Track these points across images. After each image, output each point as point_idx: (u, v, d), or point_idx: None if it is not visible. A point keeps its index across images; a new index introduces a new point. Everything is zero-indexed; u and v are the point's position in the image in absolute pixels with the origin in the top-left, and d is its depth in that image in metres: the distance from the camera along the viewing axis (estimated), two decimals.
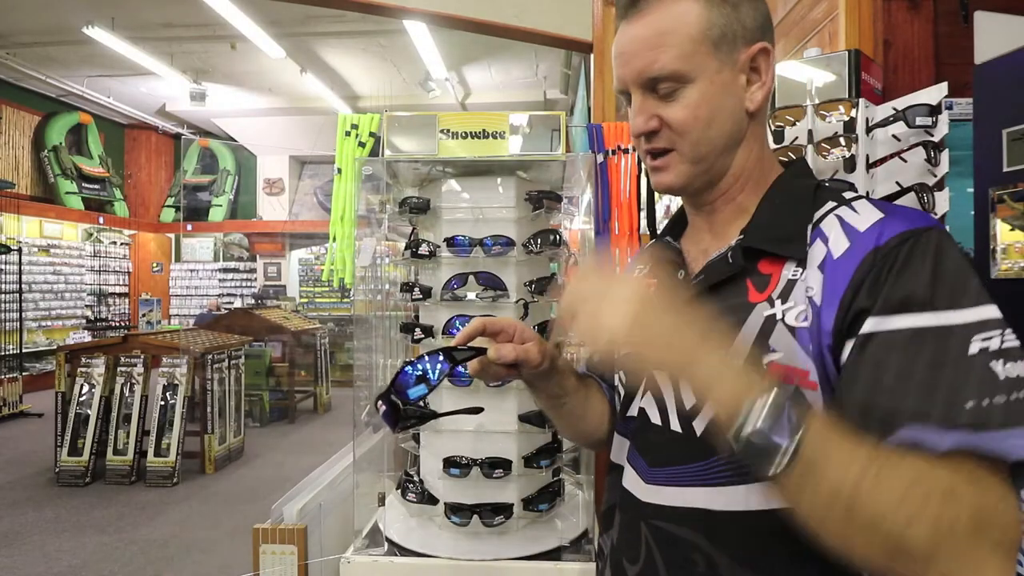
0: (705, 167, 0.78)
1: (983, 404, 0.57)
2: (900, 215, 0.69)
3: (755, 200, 0.80)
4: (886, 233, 0.67)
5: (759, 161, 0.81)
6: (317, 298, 12.91)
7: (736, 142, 0.78)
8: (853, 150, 1.63)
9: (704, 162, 0.78)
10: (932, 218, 0.68)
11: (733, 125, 0.77)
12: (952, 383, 0.58)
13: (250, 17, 7.47)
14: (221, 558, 3.79)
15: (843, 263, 0.68)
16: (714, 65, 0.74)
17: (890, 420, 0.59)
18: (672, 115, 0.75)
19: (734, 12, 0.74)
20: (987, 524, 0.54)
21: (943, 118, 1.60)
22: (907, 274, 0.63)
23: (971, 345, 0.59)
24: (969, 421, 0.56)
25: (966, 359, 0.59)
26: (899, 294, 0.63)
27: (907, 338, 0.61)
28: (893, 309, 0.62)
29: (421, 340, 1.75)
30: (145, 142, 13.08)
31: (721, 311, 0.75)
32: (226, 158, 13.12)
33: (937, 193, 1.58)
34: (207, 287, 13.05)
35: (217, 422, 5.56)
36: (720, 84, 0.74)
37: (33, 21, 8.08)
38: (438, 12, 2.37)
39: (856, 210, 0.72)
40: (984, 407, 0.57)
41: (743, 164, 0.80)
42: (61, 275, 10.64)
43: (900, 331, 0.62)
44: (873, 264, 0.65)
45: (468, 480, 1.68)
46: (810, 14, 2.53)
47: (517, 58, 8.87)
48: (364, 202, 1.91)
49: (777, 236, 0.75)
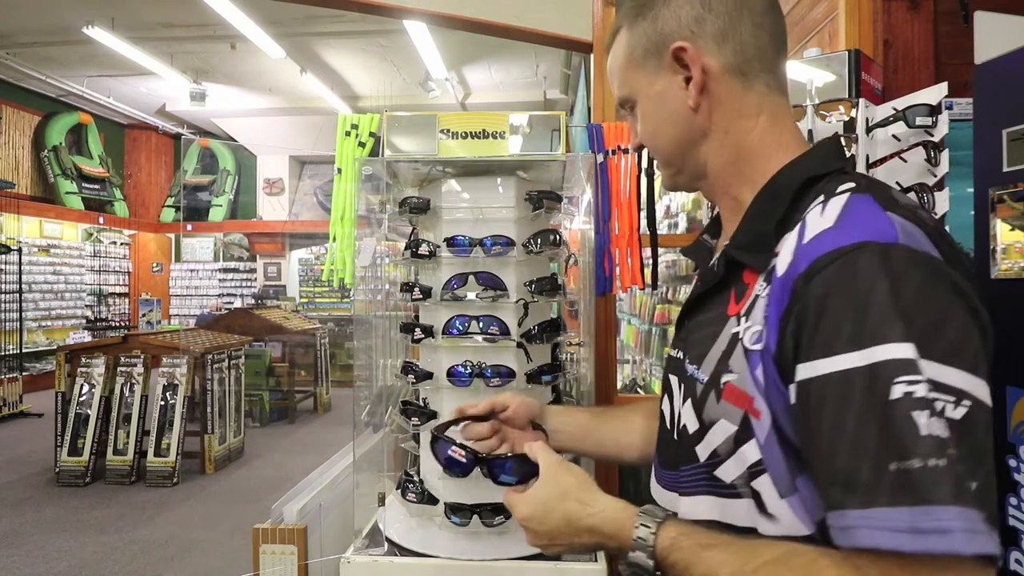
0: (675, 169, 0.82)
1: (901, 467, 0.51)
2: (847, 225, 0.61)
3: (751, 195, 0.76)
4: (817, 251, 0.61)
5: (737, 152, 0.76)
6: (317, 298, 12.92)
7: (692, 141, 0.78)
8: (853, 150, 1.63)
9: (671, 165, 0.82)
10: (878, 229, 0.59)
11: (677, 127, 0.78)
12: (875, 444, 0.53)
13: (250, 17, 7.47)
14: (221, 558, 3.79)
15: (782, 283, 0.63)
16: (645, 81, 0.78)
17: (829, 498, 0.56)
18: (638, 130, 0.84)
19: (653, 24, 0.76)
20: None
21: (943, 118, 1.60)
22: (830, 309, 0.57)
23: (893, 389, 0.53)
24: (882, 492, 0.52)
25: (888, 408, 0.53)
26: (822, 335, 0.58)
27: (834, 386, 0.56)
28: (819, 352, 0.58)
29: (421, 340, 1.75)
30: (145, 142, 13.08)
31: (705, 322, 0.76)
32: (226, 158, 13.12)
33: (937, 193, 1.58)
34: (207, 287, 13.06)
35: (217, 422, 5.56)
36: (656, 96, 0.78)
37: (33, 21, 8.08)
38: (438, 12, 2.37)
39: (823, 212, 0.65)
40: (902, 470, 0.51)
41: (717, 157, 0.78)
42: (61, 275, 10.65)
43: (827, 377, 0.56)
44: (798, 296, 0.61)
45: (468, 480, 1.68)
46: (810, 14, 2.53)
47: (517, 58, 8.87)
48: (364, 202, 1.91)
49: (746, 243, 0.72)
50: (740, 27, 0.73)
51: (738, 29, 0.73)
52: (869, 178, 0.70)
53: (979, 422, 0.53)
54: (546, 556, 1.66)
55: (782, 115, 0.77)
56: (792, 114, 0.79)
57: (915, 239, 0.59)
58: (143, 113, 12.03)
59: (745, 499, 0.67)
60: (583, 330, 1.92)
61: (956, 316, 0.56)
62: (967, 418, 0.52)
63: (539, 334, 1.69)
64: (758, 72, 0.75)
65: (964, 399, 0.53)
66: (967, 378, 0.54)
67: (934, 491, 0.49)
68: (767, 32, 0.74)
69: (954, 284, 0.58)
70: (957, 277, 0.59)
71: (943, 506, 0.49)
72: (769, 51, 0.75)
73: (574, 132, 3.27)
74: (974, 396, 0.54)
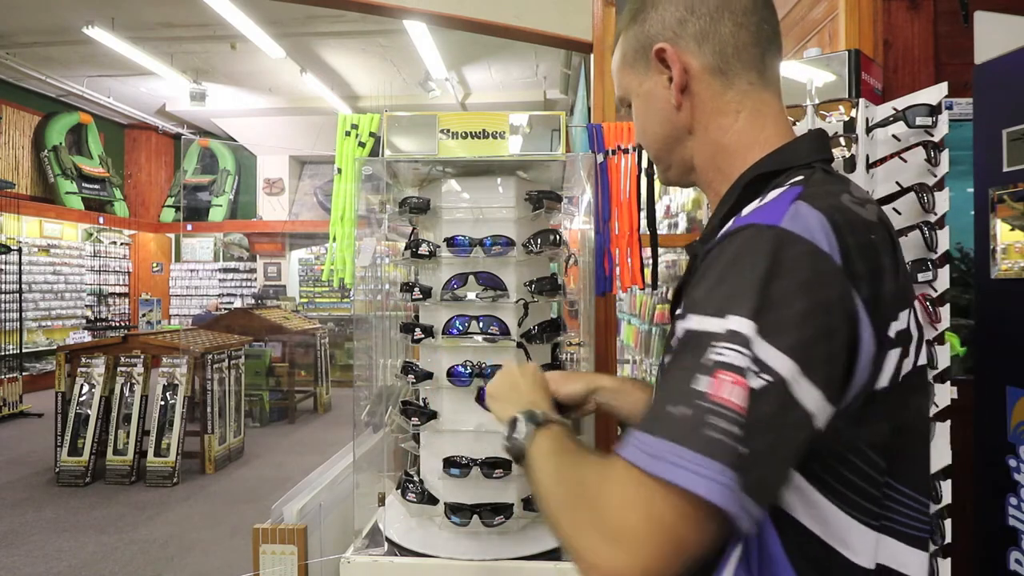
0: (665, 164, 0.86)
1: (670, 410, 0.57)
2: (757, 211, 0.65)
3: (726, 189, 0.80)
4: (732, 227, 0.65)
5: (716, 148, 0.79)
6: (317, 298, 12.92)
7: (677, 138, 0.81)
8: (853, 150, 1.63)
9: (662, 161, 0.86)
10: (772, 215, 0.62)
11: (663, 125, 0.82)
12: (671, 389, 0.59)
13: (250, 17, 7.47)
14: (221, 558, 3.79)
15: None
16: (636, 81, 0.83)
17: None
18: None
19: (642, 27, 0.80)
20: (609, 528, 0.56)
21: (943, 118, 1.59)
22: (709, 273, 0.63)
23: (714, 350, 0.57)
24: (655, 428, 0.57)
25: (701, 366, 0.57)
26: (693, 295, 0.63)
27: (683, 342, 0.61)
28: (686, 310, 0.63)
29: (421, 340, 1.75)
30: (145, 142, 13.08)
31: (676, 317, 0.78)
32: (226, 158, 13.12)
33: (937, 193, 1.58)
34: (207, 287, 13.06)
35: (217, 422, 5.56)
36: (645, 95, 0.82)
37: (33, 21, 8.08)
38: (438, 12, 2.37)
39: (760, 202, 0.68)
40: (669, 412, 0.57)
41: (701, 154, 0.81)
42: (61, 275, 10.65)
43: (685, 334, 0.61)
44: (701, 261, 0.67)
45: (468, 480, 1.68)
46: (810, 14, 2.53)
47: (517, 58, 8.87)
48: (364, 202, 1.91)
49: (704, 235, 0.77)
50: (720, 28, 0.76)
51: (718, 30, 0.76)
52: (825, 174, 0.71)
53: (775, 400, 0.56)
54: (546, 556, 1.66)
55: (765, 111, 0.78)
56: (780, 109, 0.80)
57: (805, 227, 0.60)
58: (143, 113, 12.03)
59: None
60: (583, 330, 1.92)
61: (801, 302, 0.58)
62: (764, 391, 0.55)
63: (539, 334, 1.69)
64: (739, 71, 0.77)
65: (768, 374, 0.56)
66: (784, 360, 0.56)
67: (692, 437, 0.55)
68: (750, 31, 0.76)
69: (819, 273, 0.59)
70: (829, 268, 0.59)
71: (692, 451, 0.54)
72: (752, 49, 0.77)
73: (574, 132, 3.28)
74: (780, 376, 0.56)
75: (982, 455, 1.71)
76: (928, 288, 1.59)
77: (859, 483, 0.63)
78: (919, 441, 0.70)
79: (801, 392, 0.56)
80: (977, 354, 1.78)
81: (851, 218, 0.63)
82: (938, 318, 1.58)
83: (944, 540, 1.58)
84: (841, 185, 0.69)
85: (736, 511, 0.53)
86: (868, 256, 0.62)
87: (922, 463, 0.71)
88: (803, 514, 0.63)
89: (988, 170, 1.76)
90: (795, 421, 0.56)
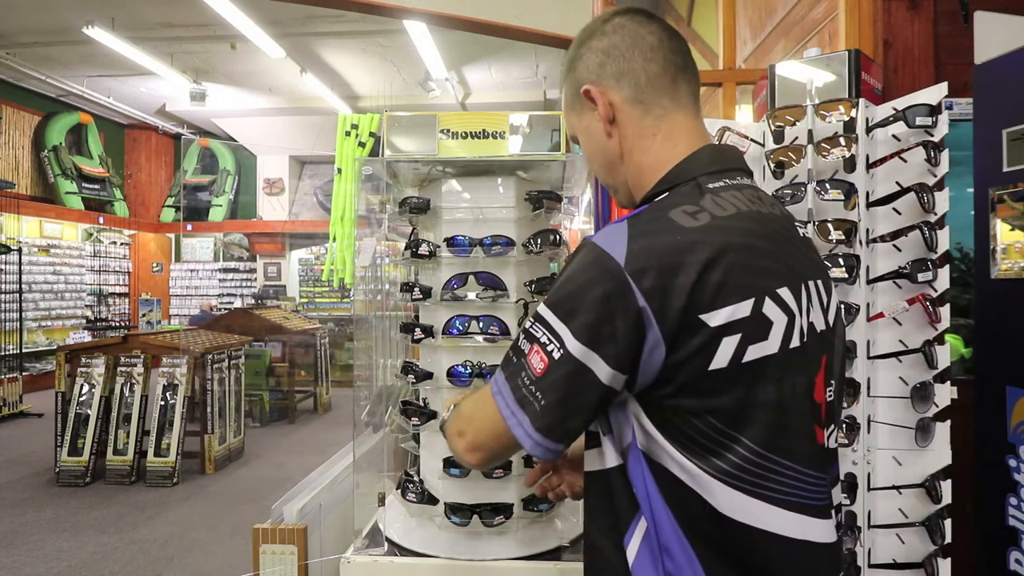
0: (613, 189, 0.98)
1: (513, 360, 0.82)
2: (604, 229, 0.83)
3: None
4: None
5: (639, 169, 0.91)
6: (317, 298, 12.92)
7: (613, 164, 0.94)
8: (853, 150, 1.63)
9: (610, 186, 0.99)
10: (603, 232, 0.79)
11: (602, 154, 0.94)
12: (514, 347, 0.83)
13: (250, 17, 7.47)
14: (221, 558, 3.79)
15: None
16: (577, 120, 0.96)
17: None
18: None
19: (573, 75, 0.94)
20: (465, 432, 0.87)
21: (943, 118, 1.60)
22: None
23: (532, 327, 0.80)
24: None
25: (526, 334, 0.81)
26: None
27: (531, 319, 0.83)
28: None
29: (421, 340, 1.75)
30: (145, 142, 13.08)
31: None
32: (226, 158, 13.12)
33: (937, 193, 1.58)
34: (207, 287, 13.06)
35: (217, 422, 5.56)
36: (585, 131, 0.95)
37: (33, 21, 8.08)
38: (438, 12, 2.37)
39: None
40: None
41: (631, 176, 0.93)
42: (61, 275, 10.65)
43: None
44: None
45: (468, 480, 1.69)
46: (810, 14, 2.53)
47: (517, 58, 8.87)
48: (364, 202, 1.91)
49: None
50: (633, 64, 0.89)
51: (632, 67, 0.89)
52: (694, 187, 0.82)
53: (563, 366, 0.76)
54: (546, 556, 1.67)
55: (678, 131, 0.89)
56: (694, 127, 0.90)
57: (609, 241, 0.77)
58: (143, 113, 12.03)
59: (595, 448, 0.86)
60: None
61: (589, 295, 0.75)
62: (559, 360, 0.76)
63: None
64: (654, 98, 0.89)
65: (561, 347, 0.76)
66: (571, 338, 0.76)
67: (517, 376, 0.80)
68: (658, 64, 0.88)
69: (603, 272, 0.75)
70: (612, 267, 0.74)
71: (514, 398, 0.79)
72: (663, 78, 0.89)
73: None
74: (567, 349, 0.76)
75: (982, 455, 1.71)
76: (928, 288, 1.59)
77: (710, 445, 0.75)
78: (797, 418, 0.79)
79: (589, 360, 0.75)
80: (977, 354, 1.78)
81: (658, 227, 0.77)
82: (938, 318, 1.58)
83: (944, 540, 1.58)
84: (687, 199, 0.80)
85: (528, 445, 0.79)
86: (659, 255, 0.74)
87: (807, 439, 0.81)
88: (673, 466, 0.77)
89: (988, 170, 1.77)
90: (584, 383, 0.75)
